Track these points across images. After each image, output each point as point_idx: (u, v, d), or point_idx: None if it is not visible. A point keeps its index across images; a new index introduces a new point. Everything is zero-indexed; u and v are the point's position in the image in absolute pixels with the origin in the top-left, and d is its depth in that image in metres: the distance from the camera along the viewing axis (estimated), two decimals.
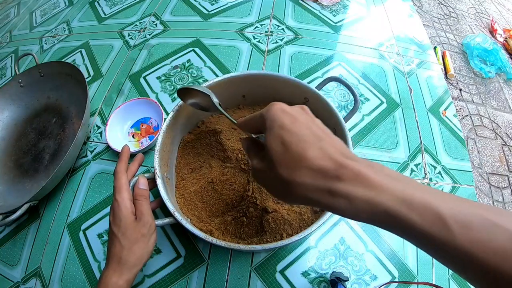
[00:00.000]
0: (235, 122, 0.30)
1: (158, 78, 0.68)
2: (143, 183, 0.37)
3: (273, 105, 0.24)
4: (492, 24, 1.87)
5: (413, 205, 0.17)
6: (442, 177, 0.54)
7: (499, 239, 0.15)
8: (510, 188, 1.31)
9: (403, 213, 0.17)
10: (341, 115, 0.42)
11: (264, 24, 0.76)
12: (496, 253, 0.15)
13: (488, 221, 0.16)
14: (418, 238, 0.18)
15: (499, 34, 1.81)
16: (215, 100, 0.36)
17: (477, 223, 0.16)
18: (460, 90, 1.61)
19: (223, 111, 0.35)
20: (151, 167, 0.55)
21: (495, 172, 1.34)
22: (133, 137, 0.59)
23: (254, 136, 0.29)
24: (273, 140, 0.22)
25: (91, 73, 0.71)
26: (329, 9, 0.80)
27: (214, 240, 0.35)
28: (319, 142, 0.21)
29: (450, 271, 0.46)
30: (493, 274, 0.15)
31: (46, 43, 0.82)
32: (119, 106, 0.59)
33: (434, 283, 0.45)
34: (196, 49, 0.72)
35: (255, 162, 0.25)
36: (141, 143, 0.58)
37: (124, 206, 0.33)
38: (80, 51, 0.77)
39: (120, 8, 0.86)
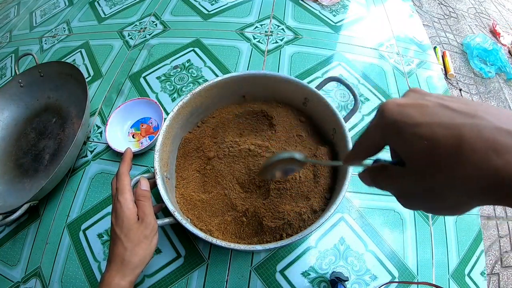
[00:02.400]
0: (341, 163, 0.23)
1: (158, 78, 0.68)
2: (144, 184, 0.37)
3: (385, 105, 0.18)
4: (494, 27, 1.87)
5: None
6: None
7: None
8: None
9: None
10: (341, 115, 0.42)
11: (264, 24, 0.76)
12: None
13: None
14: None
15: (502, 37, 1.80)
16: (299, 156, 0.31)
17: None
18: (460, 90, 1.61)
19: (314, 160, 0.34)
20: (151, 167, 0.55)
21: None
22: (133, 137, 0.59)
23: (370, 163, 0.22)
24: (410, 145, 0.17)
25: (91, 73, 0.71)
26: (329, 9, 0.80)
27: (214, 240, 0.35)
28: (471, 119, 0.15)
29: (450, 271, 0.46)
30: None
31: (46, 43, 0.82)
32: (119, 106, 0.59)
33: (434, 283, 0.45)
34: (196, 49, 0.72)
35: (396, 187, 0.19)
36: (141, 143, 0.58)
37: (127, 207, 0.33)
38: (80, 51, 0.77)
39: (120, 8, 0.86)
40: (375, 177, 0.21)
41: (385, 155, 0.20)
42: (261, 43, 0.72)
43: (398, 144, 0.17)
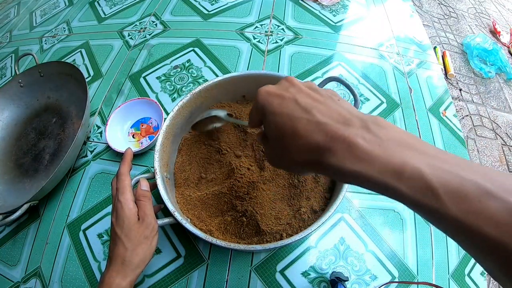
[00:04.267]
0: (247, 124, 0.30)
1: (158, 78, 0.68)
2: (145, 185, 0.37)
3: (259, 92, 0.24)
4: (494, 25, 1.87)
5: (403, 175, 0.17)
6: None
7: (491, 207, 0.15)
8: None
9: (392, 184, 0.17)
10: None
11: (264, 24, 0.76)
12: (487, 221, 0.15)
13: (482, 189, 0.16)
14: (411, 206, 0.18)
15: (502, 36, 1.81)
16: (222, 114, 0.40)
17: (470, 192, 0.16)
18: (460, 90, 1.61)
19: (235, 120, 0.41)
20: (151, 167, 0.55)
21: None
22: (133, 137, 0.59)
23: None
24: (268, 127, 0.23)
25: (91, 73, 0.71)
26: (329, 9, 0.80)
27: (214, 240, 0.35)
28: (306, 114, 0.21)
29: (450, 271, 0.46)
30: (488, 242, 0.15)
31: (46, 43, 0.82)
32: (119, 106, 0.59)
33: (434, 283, 0.45)
34: (196, 49, 0.72)
35: (267, 151, 0.26)
36: (141, 143, 0.58)
37: (128, 207, 0.33)
38: (80, 51, 0.77)
39: (120, 8, 0.86)
40: (261, 138, 0.28)
41: None
42: (261, 43, 0.72)
43: (264, 125, 0.24)
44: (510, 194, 0.15)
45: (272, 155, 0.25)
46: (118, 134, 0.58)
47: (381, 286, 0.44)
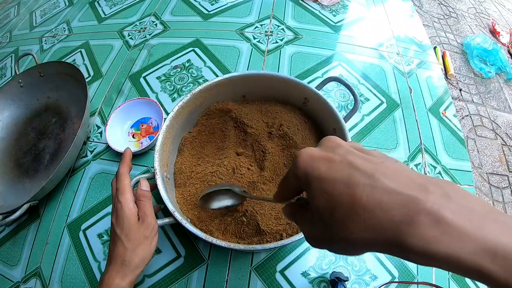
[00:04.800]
0: (271, 200, 0.25)
1: (158, 78, 0.68)
2: (145, 185, 0.37)
3: (299, 156, 0.20)
4: (493, 26, 1.87)
5: (497, 255, 0.14)
6: (442, 177, 0.54)
7: None
8: (510, 188, 1.31)
9: (486, 267, 0.14)
10: (341, 115, 0.42)
11: (264, 24, 0.76)
12: None
13: None
14: None
15: (501, 36, 1.81)
16: (237, 190, 0.34)
17: None
18: (460, 90, 1.61)
19: (255, 197, 0.36)
20: (151, 167, 0.55)
21: (495, 172, 1.34)
22: (133, 137, 0.59)
23: (294, 200, 0.24)
24: (316, 198, 0.18)
25: (91, 73, 0.71)
26: (329, 9, 0.80)
27: (214, 240, 0.35)
28: (369, 179, 0.17)
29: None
30: None
31: (46, 43, 0.82)
32: (119, 106, 0.59)
33: (434, 283, 0.45)
34: (196, 49, 0.72)
35: (306, 229, 0.21)
36: (141, 143, 0.58)
37: (128, 207, 0.33)
38: (80, 51, 0.77)
39: (120, 8, 0.86)
40: (292, 213, 0.23)
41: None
42: (261, 43, 0.72)
43: (308, 196, 0.19)
44: None
45: (316, 234, 0.20)
46: (118, 134, 0.58)
47: (381, 286, 0.44)
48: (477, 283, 0.46)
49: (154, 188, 0.39)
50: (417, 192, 0.16)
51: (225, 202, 0.36)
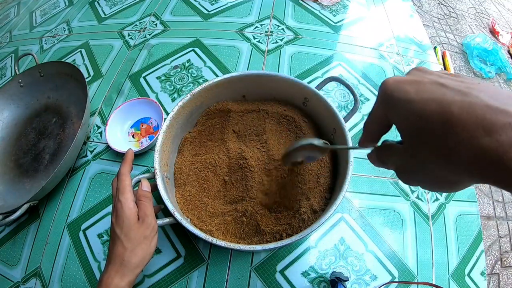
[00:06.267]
0: (357, 146, 0.23)
1: (158, 78, 0.68)
2: (146, 185, 0.37)
3: (385, 81, 0.18)
4: (493, 25, 1.87)
5: None
6: None
7: None
8: None
9: None
10: (341, 115, 0.42)
11: (264, 24, 0.76)
12: None
13: None
14: None
15: (501, 35, 1.81)
16: (318, 142, 0.31)
17: None
18: None
19: (334, 146, 0.36)
20: (151, 167, 0.55)
21: None
22: (133, 137, 0.59)
23: (379, 145, 0.22)
24: (404, 120, 0.17)
25: (91, 73, 0.71)
26: (329, 9, 0.80)
27: (214, 240, 0.35)
28: (465, 96, 0.15)
29: (450, 271, 0.46)
30: None
31: (46, 43, 0.82)
32: (119, 106, 0.59)
33: (434, 283, 0.45)
34: (196, 49, 0.72)
35: (397, 165, 0.20)
36: (141, 143, 0.58)
37: (128, 207, 0.33)
38: (80, 51, 0.77)
39: (120, 8, 0.86)
40: (380, 156, 0.21)
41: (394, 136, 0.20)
42: (261, 43, 0.72)
43: (395, 120, 0.18)
44: None
45: (408, 166, 0.18)
46: (118, 134, 0.58)
47: (381, 286, 0.44)
48: (477, 283, 0.46)
49: (154, 189, 0.39)
50: None
51: (307, 153, 0.33)
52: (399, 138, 0.20)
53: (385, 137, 0.21)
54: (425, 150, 0.16)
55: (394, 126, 0.19)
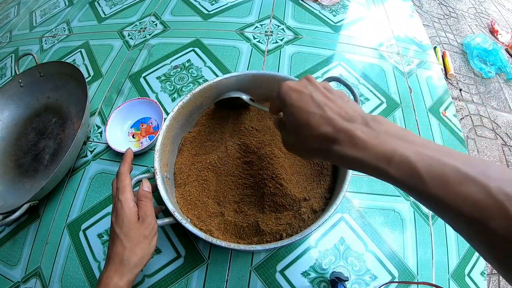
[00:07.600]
0: (268, 109, 0.35)
1: (158, 78, 0.68)
2: (147, 186, 0.37)
3: (282, 86, 0.28)
4: (493, 25, 1.87)
5: (393, 160, 0.21)
6: None
7: (469, 189, 0.18)
8: None
9: (384, 168, 0.21)
10: None
11: (264, 24, 0.76)
12: (465, 201, 0.18)
13: (461, 174, 0.19)
14: (400, 186, 0.21)
15: (500, 34, 1.81)
16: (245, 97, 0.45)
17: (451, 176, 0.19)
18: (460, 90, 1.61)
19: (256, 104, 0.44)
20: (151, 167, 0.55)
21: None
22: (133, 137, 0.59)
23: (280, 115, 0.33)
24: (287, 117, 0.28)
25: (91, 73, 0.71)
26: (329, 9, 0.80)
27: (214, 240, 0.35)
28: (319, 110, 0.25)
29: (450, 271, 0.46)
30: (466, 219, 0.18)
31: (46, 43, 0.82)
32: (119, 106, 0.59)
33: (434, 283, 0.45)
34: (196, 49, 0.72)
35: (284, 136, 0.30)
36: (141, 143, 0.58)
37: (128, 206, 0.33)
38: (80, 51, 0.77)
39: (120, 8, 0.86)
40: (277, 123, 0.32)
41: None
42: (261, 43, 0.72)
43: (283, 114, 0.29)
44: (487, 178, 0.18)
45: (287, 140, 0.29)
46: (118, 134, 0.58)
47: (381, 286, 0.44)
48: (477, 283, 0.46)
49: (155, 190, 0.39)
50: (345, 120, 0.24)
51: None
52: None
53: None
54: (295, 134, 0.27)
55: None
